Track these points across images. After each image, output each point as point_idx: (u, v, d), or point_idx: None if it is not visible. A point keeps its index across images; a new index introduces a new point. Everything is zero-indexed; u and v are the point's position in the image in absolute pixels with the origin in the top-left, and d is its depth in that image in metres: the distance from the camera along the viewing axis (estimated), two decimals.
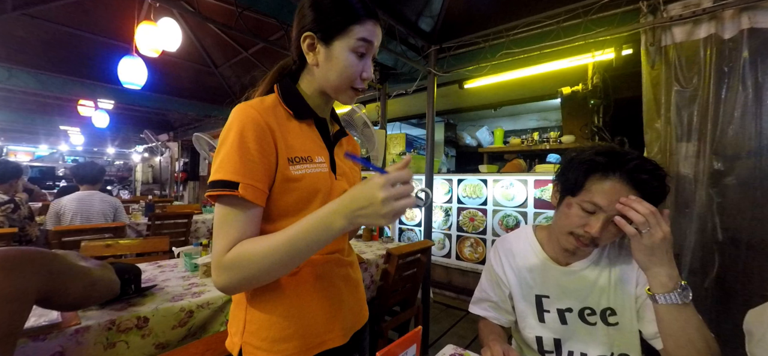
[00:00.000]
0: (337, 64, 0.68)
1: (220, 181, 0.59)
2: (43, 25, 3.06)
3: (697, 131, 1.71)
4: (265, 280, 0.62)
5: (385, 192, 0.53)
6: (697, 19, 1.69)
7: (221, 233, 0.60)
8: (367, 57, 0.70)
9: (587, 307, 0.90)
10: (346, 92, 0.71)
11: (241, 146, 0.61)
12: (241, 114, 0.63)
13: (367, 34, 0.68)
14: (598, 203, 0.80)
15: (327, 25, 0.67)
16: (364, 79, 0.71)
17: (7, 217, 2.29)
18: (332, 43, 0.68)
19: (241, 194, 0.59)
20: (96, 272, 0.89)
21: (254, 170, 0.61)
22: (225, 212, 0.61)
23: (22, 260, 0.67)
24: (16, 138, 9.54)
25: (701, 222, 1.72)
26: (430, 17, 2.50)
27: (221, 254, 0.59)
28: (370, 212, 0.54)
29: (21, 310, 0.66)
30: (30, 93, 4.62)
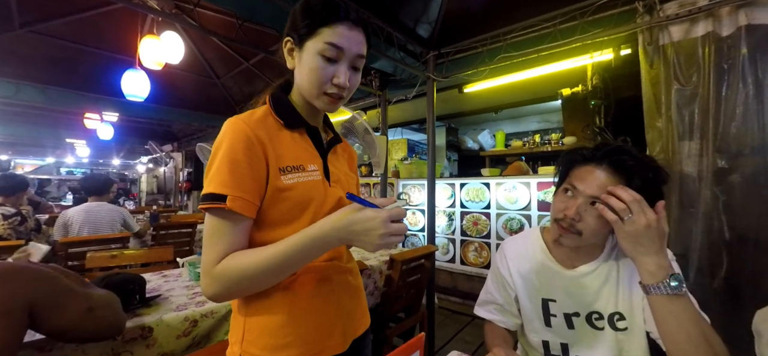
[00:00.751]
0: (306, 67, 0.69)
1: (210, 194, 0.62)
2: (48, 41, 3.12)
3: (699, 129, 1.70)
4: (257, 289, 0.65)
5: (384, 229, 0.58)
6: (694, 18, 1.69)
7: (210, 244, 0.62)
8: (339, 63, 0.69)
9: (595, 311, 0.89)
10: (319, 97, 0.70)
11: (230, 159, 0.62)
12: (231, 128, 0.65)
13: (335, 39, 0.67)
14: (574, 184, 0.84)
15: (300, 28, 0.69)
16: (336, 85, 0.69)
17: (15, 229, 2.32)
18: (303, 46, 0.69)
19: (229, 207, 0.61)
20: (98, 299, 0.85)
21: (243, 182, 0.63)
22: (214, 224, 0.63)
23: (9, 274, 0.67)
24: (24, 151, 9.66)
25: (707, 221, 1.70)
26: (427, 23, 2.52)
27: (211, 265, 0.61)
28: (365, 240, 0.59)
29: (11, 325, 0.65)
30: (37, 107, 4.68)
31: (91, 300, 0.82)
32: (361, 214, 0.60)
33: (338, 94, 0.70)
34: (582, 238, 0.83)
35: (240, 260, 0.61)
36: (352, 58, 0.70)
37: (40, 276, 0.72)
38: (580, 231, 0.82)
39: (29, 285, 0.69)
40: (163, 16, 2.41)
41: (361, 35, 0.71)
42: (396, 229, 0.59)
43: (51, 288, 0.74)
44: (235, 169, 0.62)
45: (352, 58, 0.70)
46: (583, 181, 0.83)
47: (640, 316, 0.84)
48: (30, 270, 0.72)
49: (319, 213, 0.70)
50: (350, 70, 0.71)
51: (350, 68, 0.71)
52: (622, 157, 0.81)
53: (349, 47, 0.68)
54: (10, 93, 3.45)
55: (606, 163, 0.82)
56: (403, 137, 5.61)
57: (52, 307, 0.73)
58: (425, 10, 2.41)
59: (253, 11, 2.11)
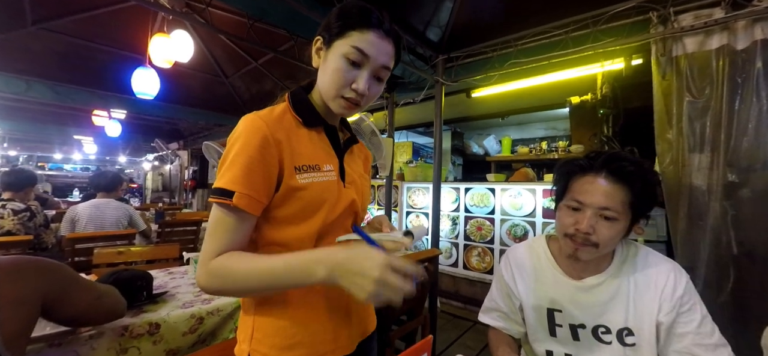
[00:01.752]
0: (329, 68, 0.68)
1: (219, 189, 0.62)
2: (59, 39, 3.16)
3: (711, 142, 1.69)
4: (244, 296, 0.66)
5: (382, 273, 0.51)
6: (709, 30, 1.67)
7: (212, 235, 0.63)
8: (362, 69, 0.68)
9: (601, 325, 0.88)
10: (335, 99, 0.69)
11: (244, 156, 0.62)
12: (248, 125, 0.65)
13: (362, 44, 0.66)
14: (579, 199, 0.84)
15: (331, 28, 0.69)
16: (355, 90, 0.67)
17: (24, 225, 2.33)
18: (331, 47, 0.69)
19: (235, 204, 0.61)
20: (102, 288, 0.91)
21: (253, 180, 0.63)
22: (218, 218, 0.63)
23: (27, 267, 0.70)
24: (32, 147, 9.76)
25: (715, 235, 1.68)
26: (437, 27, 2.53)
27: (208, 257, 0.62)
28: (357, 281, 0.52)
29: (28, 314, 0.68)
30: (46, 104, 4.74)
31: (97, 288, 0.88)
32: (361, 250, 0.55)
33: (355, 99, 0.69)
34: (599, 249, 0.83)
35: (235, 263, 0.61)
36: (376, 67, 0.69)
37: (52, 268, 0.75)
38: (596, 243, 0.82)
39: (43, 277, 0.72)
40: (174, 14, 2.44)
41: (390, 47, 0.70)
42: (394, 282, 0.51)
43: (62, 279, 0.77)
44: (247, 166, 0.62)
45: (376, 67, 0.69)
46: (586, 193, 0.83)
47: (651, 333, 0.83)
48: (43, 263, 0.74)
49: (332, 214, 0.70)
50: (372, 79, 0.69)
51: (373, 77, 0.69)
52: (621, 164, 0.81)
53: (374, 55, 0.67)
54: (21, 90, 3.49)
55: (605, 171, 0.82)
56: (408, 140, 5.61)
57: (64, 298, 0.76)
58: (436, 14, 2.41)
59: (264, 11, 2.12)
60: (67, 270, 0.79)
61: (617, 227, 0.81)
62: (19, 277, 0.68)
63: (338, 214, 0.72)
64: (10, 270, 0.67)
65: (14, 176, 2.47)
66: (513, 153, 4.15)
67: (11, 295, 0.65)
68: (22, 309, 0.66)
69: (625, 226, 0.83)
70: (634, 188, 0.80)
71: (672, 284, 0.83)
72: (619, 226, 0.81)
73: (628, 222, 0.83)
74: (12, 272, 0.67)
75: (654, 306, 0.83)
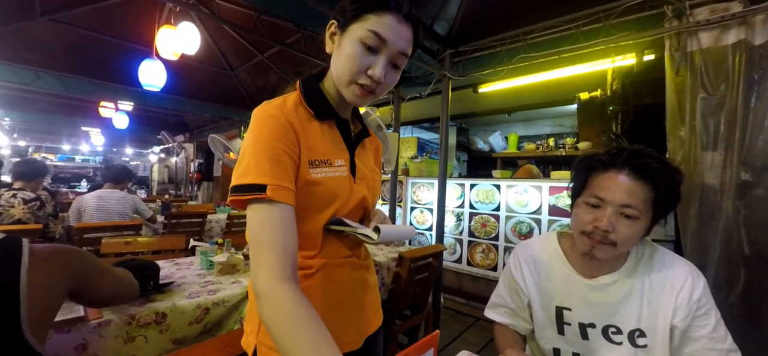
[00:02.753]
0: (343, 53, 0.65)
1: (248, 185, 0.57)
2: (67, 30, 3.17)
3: (724, 140, 1.66)
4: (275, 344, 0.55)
5: None
6: (726, 25, 1.63)
7: (262, 244, 0.56)
8: (379, 54, 0.64)
9: (612, 325, 0.86)
10: (349, 86, 0.66)
11: (266, 147, 0.60)
12: (264, 115, 0.63)
13: (379, 28, 0.62)
14: (599, 195, 0.81)
15: (346, 11, 0.65)
16: (370, 76, 0.64)
17: (33, 214, 2.36)
18: (346, 31, 0.65)
19: (271, 196, 0.57)
20: (120, 272, 0.94)
21: (281, 170, 0.60)
22: (261, 219, 0.57)
23: (58, 256, 0.72)
24: (41, 138, 9.88)
25: (726, 235, 1.65)
26: (445, 21, 2.50)
27: (275, 270, 0.54)
28: None
29: (56, 300, 0.71)
30: (54, 95, 4.78)
31: (117, 273, 0.92)
32: None
33: (370, 87, 0.65)
34: (617, 248, 0.80)
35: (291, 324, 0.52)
36: (393, 53, 0.65)
37: (81, 255, 0.79)
38: (614, 242, 0.79)
39: (73, 264, 0.75)
40: (181, 5, 2.43)
41: (408, 32, 0.66)
42: None
43: (90, 266, 0.81)
44: (272, 156, 0.59)
45: (393, 53, 0.65)
46: (607, 190, 0.80)
47: (665, 336, 0.81)
48: (74, 251, 0.77)
49: (343, 210, 0.69)
50: (389, 66, 0.66)
51: (389, 64, 0.66)
52: (646, 160, 0.78)
53: (392, 41, 0.63)
54: (30, 80, 3.52)
55: (628, 168, 0.79)
56: (413, 135, 5.59)
57: (91, 283, 0.81)
58: (443, 8, 2.38)
59: (272, 3, 2.11)
60: (92, 257, 0.83)
61: (638, 226, 0.78)
62: (53, 264, 0.70)
63: (349, 210, 0.71)
64: (47, 257, 0.69)
65: (26, 166, 2.50)
66: (519, 150, 4.11)
67: (45, 281, 0.67)
68: (51, 294, 0.69)
69: (646, 226, 0.80)
70: (658, 186, 0.77)
71: (689, 287, 0.81)
72: (639, 225, 0.79)
73: (648, 222, 0.80)
74: (47, 259, 0.69)
75: (669, 309, 0.81)
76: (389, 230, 0.66)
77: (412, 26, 0.67)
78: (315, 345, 0.51)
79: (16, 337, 0.61)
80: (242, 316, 1.31)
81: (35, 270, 0.66)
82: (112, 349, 1.02)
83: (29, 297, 0.63)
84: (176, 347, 1.16)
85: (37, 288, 0.65)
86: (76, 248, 0.78)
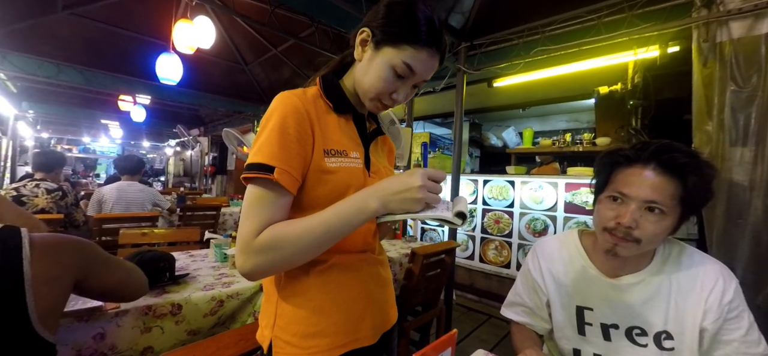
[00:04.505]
0: (374, 71, 0.67)
1: (257, 164, 0.59)
2: (87, 24, 3.25)
3: (755, 135, 1.57)
4: (295, 263, 0.62)
5: (422, 180, 0.57)
6: (760, 13, 1.54)
7: (251, 214, 0.60)
8: (405, 80, 0.68)
9: (637, 327, 0.82)
10: (372, 100, 0.70)
11: (280, 132, 0.61)
12: (284, 101, 0.64)
13: (413, 62, 0.65)
14: (621, 191, 0.78)
15: (385, 30, 0.66)
16: (394, 100, 0.70)
17: (56, 203, 2.44)
18: (380, 50, 0.67)
19: (276, 179, 0.59)
20: (128, 265, 0.93)
21: (291, 157, 0.61)
22: (257, 195, 0.60)
23: (62, 245, 0.72)
24: (62, 131, 10.18)
25: (755, 234, 1.58)
26: (460, 14, 2.45)
27: (250, 237, 0.58)
28: (405, 195, 0.58)
29: (62, 291, 0.71)
30: (75, 88, 4.91)
31: (125, 266, 0.90)
32: (396, 175, 0.61)
33: (390, 104, 0.71)
34: (641, 246, 0.77)
35: (284, 229, 0.59)
36: (419, 81, 0.70)
37: (85, 246, 0.77)
38: (638, 239, 0.76)
39: (78, 255, 0.74)
40: None
41: (437, 62, 0.70)
42: (434, 186, 0.59)
43: (95, 257, 0.79)
44: (284, 141, 0.61)
45: (419, 81, 0.70)
46: (631, 185, 0.77)
47: (693, 339, 0.77)
48: (78, 242, 0.76)
49: None
50: (411, 88, 0.71)
51: (412, 86, 0.71)
52: (673, 155, 0.74)
53: (421, 73, 0.68)
54: (52, 73, 3.64)
55: (654, 163, 0.75)
56: (425, 130, 5.54)
57: (95, 274, 0.79)
58: (459, 0, 2.33)
59: None
60: (97, 248, 0.82)
61: (664, 223, 0.75)
62: (56, 255, 0.70)
63: None
64: (50, 248, 0.69)
65: (45, 157, 2.58)
66: (535, 145, 4.03)
67: (49, 273, 0.67)
68: (57, 285, 0.69)
69: (673, 223, 0.76)
70: (687, 182, 0.73)
71: (721, 288, 0.77)
72: (666, 222, 0.75)
73: (676, 219, 0.76)
74: (51, 250, 0.69)
75: (698, 311, 0.77)
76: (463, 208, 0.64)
77: (442, 56, 0.70)
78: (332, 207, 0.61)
79: (26, 329, 0.62)
80: (256, 310, 1.32)
81: (38, 261, 0.65)
82: (129, 339, 1.04)
83: (35, 288, 0.63)
84: (191, 338, 1.17)
85: (42, 278, 0.65)
86: (78, 238, 0.77)
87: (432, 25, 0.66)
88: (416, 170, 0.60)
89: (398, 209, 0.59)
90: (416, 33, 0.64)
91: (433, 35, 0.66)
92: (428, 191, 0.58)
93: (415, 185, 0.57)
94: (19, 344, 0.61)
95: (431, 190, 0.58)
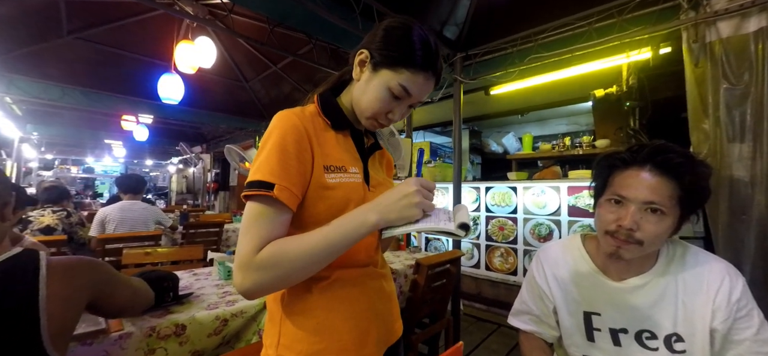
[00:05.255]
0: (371, 91, 0.69)
1: (257, 181, 0.60)
2: (92, 47, 3.32)
3: (752, 130, 1.58)
4: (295, 280, 0.62)
5: (416, 186, 0.61)
6: (746, 12, 1.57)
7: (250, 232, 0.59)
8: (401, 101, 0.69)
9: (646, 330, 0.82)
10: (369, 119, 0.72)
11: (280, 149, 0.62)
12: (283, 119, 0.65)
13: (409, 84, 0.67)
14: (621, 194, 0.79)
15: (383, 53, 0.68)
16: (390, 119, 0.72)
17: (62, 221, 2.49)
18: (378, 71, 0.68)
19: (276, 195, 0.59)
20: (135, 282, 0.96)
21: (291, 174, 0.62)
22: (257, 212, 0.60)
23: (78, 268, 0.74)
24: (66, 151, 10.30)
25: (761, 229, 1.57)
26: (454, 26, 2.49)
27: (250, 255, 0.58)
28: (403, 203, 0.60)
29: (74, 312, 0.72)
30: (79, 109, 4.99)
31: (132, 283, 0.94)
32: (392, 188, 0.64)
33: (386, 123, 0.73)
34: (643, 247, 0.77)
35: (284, 246, 0.59)
36: (415, 102, 0.72)
37: (99, 267, 0.80)
38: (640, 240, 0.76)
39: (92, 276, 0.77)
40: (198, 21, 2.50)
41: (432, 85, 0.71)
42: (427, 194, 0.62)
43: (108, 278, 0.82)
44: (284, 159, 0.62)
45: (415, 102, 0.72)
46: (630, 187, 0.78)
47: (704, 340, 0.77)
48: (93, 263, 0.79)
49: None
50: (407, 108, 0.73)
51: (408, 106, 0.72)
52: (667, 156, 0.76)
53: (417, 95, 0.69)
54: (57, 96, 3.71)
55: (650, 164, 0.77)
56: (425, 139, 5.56)
57: (108, 295, 0.82)
58: (452, 13, 2.38)
59: (285, 15, 2.15)
60: (109, 268, 0.84)
61: (664, 223, 0.75)
62: (72, 277, 0.72)
63: None
64: (66, 270, 0.71)
65: (53, 191, 2.70)
66: (534, 150, 4.03)
67: (63, 293, 0.69)
68: (70, 306, 0.70)
69: (673, 223, 0.77)
70: (683, 181, 0.74)
71: (728, 287, 0.76)
72: (666, 222, 0.76)
73: (676, 219, 0.77)
74: (67, 271, 0.71)
75: (707, 311, 0.77)
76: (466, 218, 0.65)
77: (438, 78, 0.72)
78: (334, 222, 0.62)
79: (37, 349, 0.63)
80: (261, 328, 1.32)
81: (54, 282, 0.67)
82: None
83: (49, 308, 0.65)
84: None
85: (56, 299, 0.67)
86: (93, 259, 0.80)
87: (428, 49, 0.67)
88: (410, 178, 0.63)
89: (398, 218, 0.60)
90: (413, 57, 0.66)
91: (429, 58, 0.67)
92: (424, 198, 0.60)
93: (411, 191, 0.60)
94: None
95: (425, 197, 0.61)
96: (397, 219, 0.61)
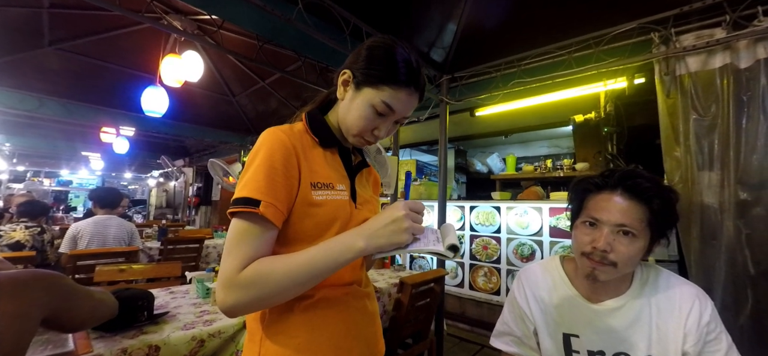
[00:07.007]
0: (355, 110, 0.70)
1: (243, 198, 0.60)
2: (73, 58, 3.23)
3: (720, 159, 1.67)
4: (278, 301, 0.61)
5: (405, 210, 0.60)
6: (712, 49, 1.68)
7: (234, 249, 0.59)
8: (386, 118, 0.70)
9: (622, 352, 0.84)
10: (355, 137, 0.73)
11: (267, 166, 0.62)
12: (271, 136, 0.66)
13: (392, 101, 0.68)
14: (594, 216, 0.82)
15: (365, 72, 0.69)
16: (376, 136, 0.73)
17: (33, 237, 2.38)
18: (361, 90, 0.70)
19: (262, 212, 0.59)
20: (96, 293, 0.92)
21: (276, 190, 0.62)
22: (242, 229, 0.60)
23: (31, 282, 0.71)
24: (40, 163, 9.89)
25: (730, 255, 1.64)
26: (441, 48, 2.57)
27: (234, 272, 0.57)
28: (392, 228, 0.60)
29: (26, 329, 0.69)
30: (55, 120, 4.81)
31: (93, 295, 0.89)
32: (380, 212, 0.63)
33: (372, 141, 0.74)
34: (617, 269, 0.80)
35: (270, 265, 0.59)
36: (399, 118, 0.73)
37: (55, 281, 0.76)
38: (614, 262, 0.79)
39: (46, 291, 0.73)
40: (186, 36, 2.49)
41: (417, 100, 0.72)
42: (416, 216, 0.61)
43: (66, 291, 0.78)
44: (270, 175, 0.62)
45: (399, 118, 0.73)
46: (603, 210, 0.81)
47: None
48: (47, 277, 0.75)
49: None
50: (392, 125, 0.74)
51: (393, 122, 0.73)
52: (637, 180, 0.80)
53: (401, 111, 0.70)
54: (34, 107, 3.57)
55: (621, 188, 0.81)
56: (412, 157, 5.62)
57: (66, 309, 0.78)
58: (440, 36, 2.45)
59: (275, 33, 2.17)
60: (67, 281, 0.80)
61: (636, 245, 0.79)
62: (23, 292, 0.68)
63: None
64: (16, 285, 0.67)
65: (31, 206, 2.65)
66: (518, 171, 4.13)
67: (13, 310, 0.65)
68: (22, 323, 0.67)
69: (644, 245, 0.80)
70: (652, 205, 0.79)
71: (698, 311, 0.80)
72: (638, 244, 0.79)
73: (647, 241, 0.81)
74: (18, 286, 0.68)
75: (679, 334, 0.80)
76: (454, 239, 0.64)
77: (421, 93, 0.73)
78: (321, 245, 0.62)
79: None
80: (239, 349, 1.28)
81: (4, 299, 0.64)
82: None
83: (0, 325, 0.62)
84: None
85: (6, 317, 0.63)
86: (47, 271, 0.76)
87: (409, 66, 0.69)
88: (398, 201, 0.62)
89: (386, 243, 0.60)
90: (395, 74, 0.68)
91: (411, 75, 0.69)
92: (413, 221, 0.60)
93: (400, 215, 0.59)
94: None
95: (414, 220, 0.60)
96: (386, 245, 0.60)
